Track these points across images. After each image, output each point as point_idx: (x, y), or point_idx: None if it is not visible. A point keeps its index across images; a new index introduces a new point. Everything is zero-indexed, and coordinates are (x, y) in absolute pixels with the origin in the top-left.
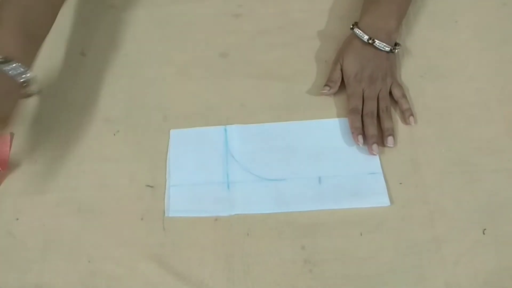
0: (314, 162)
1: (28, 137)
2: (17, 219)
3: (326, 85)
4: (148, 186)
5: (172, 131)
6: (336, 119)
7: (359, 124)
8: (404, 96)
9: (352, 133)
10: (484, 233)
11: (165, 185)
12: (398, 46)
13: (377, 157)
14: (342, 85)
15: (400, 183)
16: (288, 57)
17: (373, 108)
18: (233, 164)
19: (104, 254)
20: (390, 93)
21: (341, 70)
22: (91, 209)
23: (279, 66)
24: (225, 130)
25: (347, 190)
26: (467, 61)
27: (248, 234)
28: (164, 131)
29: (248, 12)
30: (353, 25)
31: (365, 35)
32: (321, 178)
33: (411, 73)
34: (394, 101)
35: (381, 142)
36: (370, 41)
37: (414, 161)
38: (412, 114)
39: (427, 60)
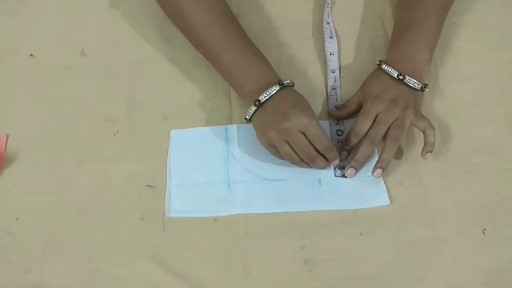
0: None
1: (28, 137)
2: (17, 219)
3: (336, 106)
4: (148, 186)
5: (172, 131)
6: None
7: (352, 144)
8: (431, 127)
9: (343, 149)
10: (484, 233)
11: (165, 185)
12: (427, 86)
13: (377, 157)
14: None
15: (400, 184)
16: (288, 57)
17: (379, 135)
18: (234, 164)
19: (104, 254)
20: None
21: (360, 98)
22: (91, 209)
23: (279, 66)
24: (226, 130)
25: (347, 191)
26: (467, 61)
27: (248, 234)
28: (164, 131)
29: (247, 12)
30: (380, 61)
31: (394, 71)
32: (321, 179)
33: None
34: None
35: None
36: (400, 77)
37: (414, 161)
38: (431, 151)
39: None
